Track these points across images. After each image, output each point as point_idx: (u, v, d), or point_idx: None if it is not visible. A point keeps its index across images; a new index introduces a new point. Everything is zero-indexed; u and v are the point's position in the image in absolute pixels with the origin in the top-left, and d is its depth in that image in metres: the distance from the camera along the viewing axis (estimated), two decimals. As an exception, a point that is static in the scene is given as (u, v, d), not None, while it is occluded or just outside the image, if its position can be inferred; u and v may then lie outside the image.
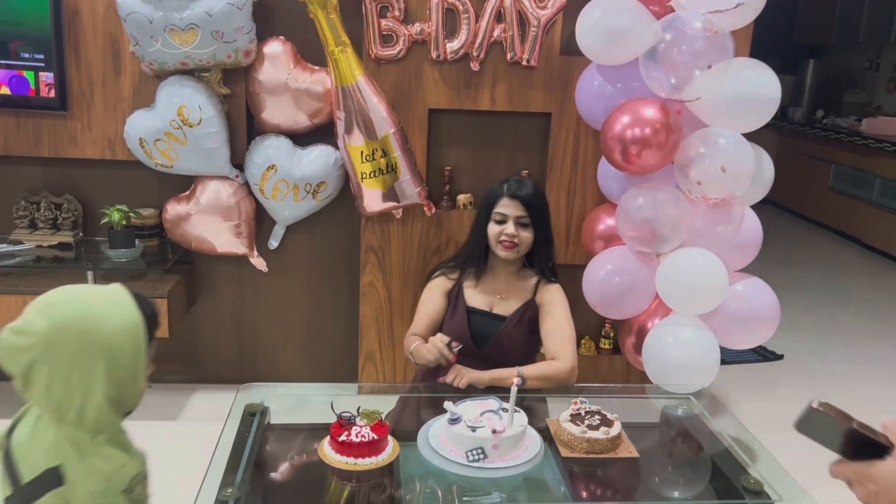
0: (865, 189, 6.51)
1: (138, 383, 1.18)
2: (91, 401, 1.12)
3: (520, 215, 2.17)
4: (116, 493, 1.13)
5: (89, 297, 1.15)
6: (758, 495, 1.68)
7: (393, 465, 1.72)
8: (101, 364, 1.12)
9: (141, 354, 1.16)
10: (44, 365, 1.10)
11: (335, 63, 2.85)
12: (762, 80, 2.63)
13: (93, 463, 1.13)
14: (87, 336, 1.10)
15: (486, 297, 2.27)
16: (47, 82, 2.94)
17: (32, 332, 1.10)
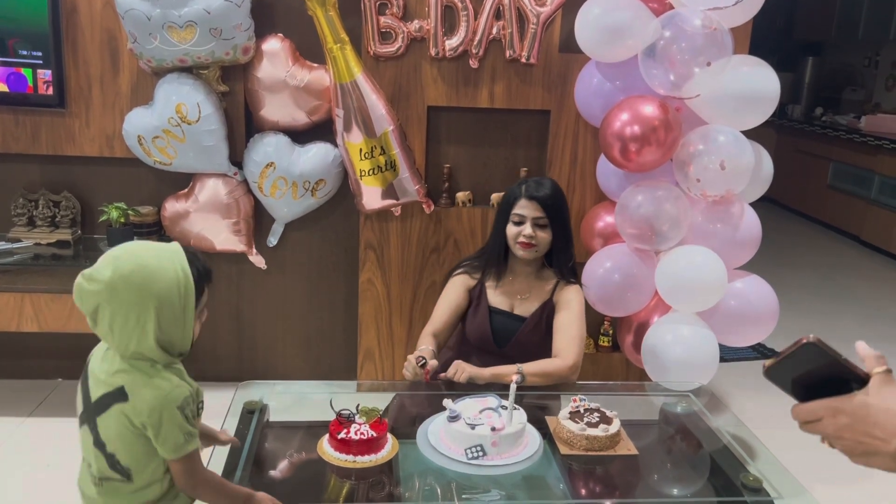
0: (864, 186, 6.51)
1: (186, 330, 1.37)
2: (144, 341, 1.32)
3: (537, 216, 2.18)
4: (172, 406, 1.32)
5: (148, 253, 1.34)
6: (757, 492, 1.68)
7: (392, 463, 1.72)
8: (152, 312, 1.31)
9: (188, 306, 1.34)
10: (107, 308, 1.30)
11: (334, 60, 2.85)
12: (761, 77, 2.63)
13: (152, 383, 1.33)
14: (142, 287, 1.29)
15: (507, 298, 2.29)
16: (45, 79, 2.94)
17: (99, 279, 1.30)
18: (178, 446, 1.35)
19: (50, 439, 2.90)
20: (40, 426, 2.99)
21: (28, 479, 2.64)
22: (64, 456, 2.80)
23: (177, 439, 1.34)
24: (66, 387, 3.32)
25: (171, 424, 1.33)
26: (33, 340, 3.31)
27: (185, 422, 1.34)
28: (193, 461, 1.38)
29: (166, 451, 1.35)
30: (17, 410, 3.08)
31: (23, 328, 2.89)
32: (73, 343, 3.32)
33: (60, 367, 3.38)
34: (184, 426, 1.34)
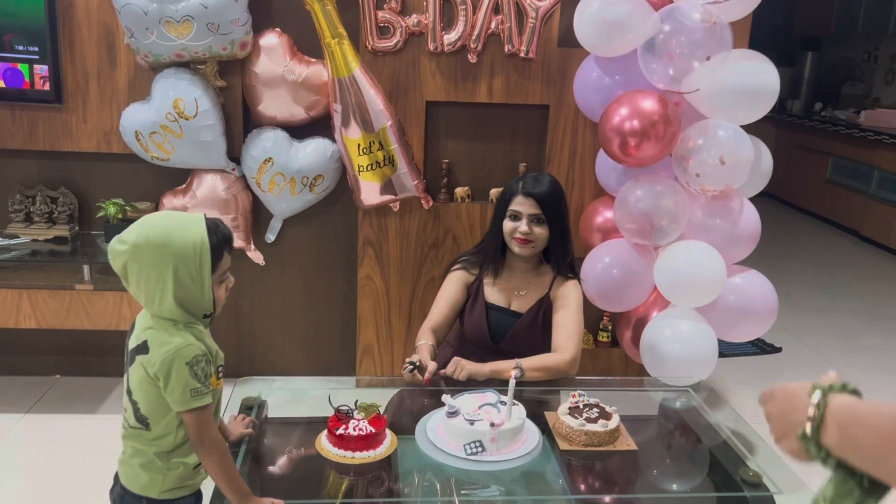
0: (863, 181, 6.51)
1: (205, 291, 1.48)
2: (165, 298, 1.45)
3: (534, 213, 2.16)
4: (182, 362, 1.43)
5: (172, 219, 1.48)
6: (757, 487, 1.68)
7: (391, 459, 1.71)
8: (170, 271, 1.43)
9: (204, 267, 1.46)
10: (133, 266, 1.44)
11: (331, 55, 2.83)
12: (761, 71, 2.62)
13: (168, 338, 1.45)
14: (161, 248, 1.42)
15: (505, 294, 2.28)
16: (42, 75, 2.93)
17: (126, 241, 1.44)
18: (183, 400, 1.44)
19: (48, 435, 2.90)
20: (38, 422, 2.99)
21: (26, 475, 2.64)
22: (62, 452, 2.80)
23: (182, 393, 1.44)
24: (65, 383, 3.32)
25: (178, 378, 1.43)
26: (31, 337, 3.30)
27: (191, 378, 1.44)
28: (201, 418, 1.47)
29: (173, 403, 1.46)
30: (15, 407, 3.08)
31: (21, 325, 2.88)
32: (71, 339, 3.32)
33: (58, 364, 3.37)
34: (190, 382, 1.44)
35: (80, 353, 3.36)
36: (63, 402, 3.15)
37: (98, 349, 3.36)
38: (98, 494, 2.51)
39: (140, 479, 1.54)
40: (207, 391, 1.47)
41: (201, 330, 1.52)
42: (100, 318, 2.89)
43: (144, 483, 1.54)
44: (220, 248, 1.51)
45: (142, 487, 1.55)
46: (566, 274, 2.27)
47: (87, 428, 2.96)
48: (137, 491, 1.55)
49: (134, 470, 1.55)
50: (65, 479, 2.63)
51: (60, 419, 3.02)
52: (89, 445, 2.82)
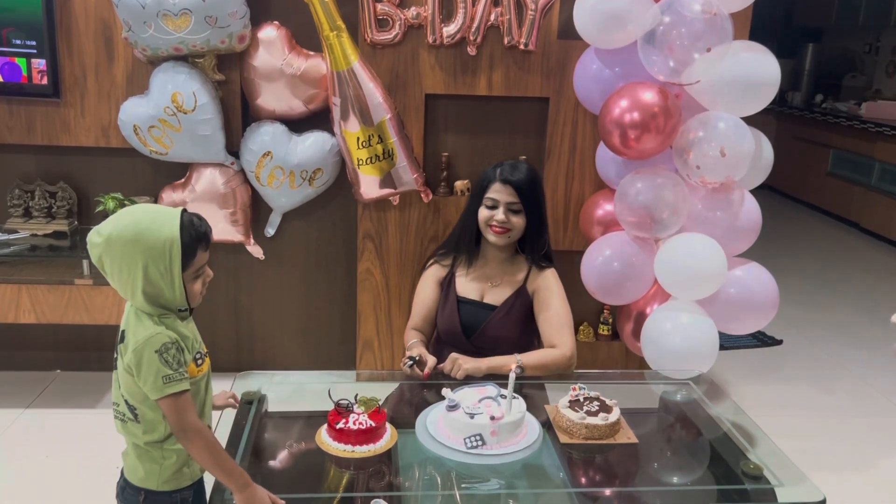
0: (864, 173, 6.49)
1: (175, 287, 1.48)
2: (136, 292, 1.47)
3: (511, 201, 2.13)
4: (151, 350, 1.45)
5: (146, 214, 1.48)
6: (757, 480, 1.68)
7: (391, 453, 1.71)
8: (139, 266, 1.45)
9: (174, 265, 1.46)
10: (106, 258, 1.47)
11: (330, 48, 2.82)
12: (762, 62, 2.61)
13: (138, 328, 1.48)
14: (132, 243, 1.44)
15: (478, 285, 2.24)
16: (39, 69, 2.91)
17: (101, 233, 1.46)
18: (157, 387, 1.45)
19: (48, 430, 2.90)
20: (39, 417, 2.99)
21: (26, 469, 2.64)
22: (62, 446, 2.80)
23: (155, 381, 1.45)
24: (65, 378, 3.32)
25: (148, 366, 1.45)
26: (31, 332, 3.30)
27: (162, 365, 1.45)
28: (177, 404, 1.47)
29: (148, 391, 1.47)
30: (15, 402, 3.08)
31: (20, 319, 2.88)
32: (70, 334, 3.32)
33: (58, 359, 3.37)
34: (161, 369, 1.45)
35: (79, 348, 3.36)
36: (63, 397, 3.15)
37: (98, 344, 3.36)
38: (98, 489, 2.52)
39: (138, 471, 1.56)
40: (181, 378, 1.47)
41: (174, 321, 1.52)
42: (99, 313, 2.88)
43: (142, 475, 1.56)
44: (193, 245, 1.49)
45: (140, 479, 1.56)
46: (540, 264, 2.23)
47: (87, 422, 2.96)
48: (137, 483, 1.57)
49: (132, 462, 1.57)
50: (65, 473, 2.63)
51: (60, 414, 3.02)
52: (89, 440, 2.82)
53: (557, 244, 3.18)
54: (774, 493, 1.65)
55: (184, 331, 1.53)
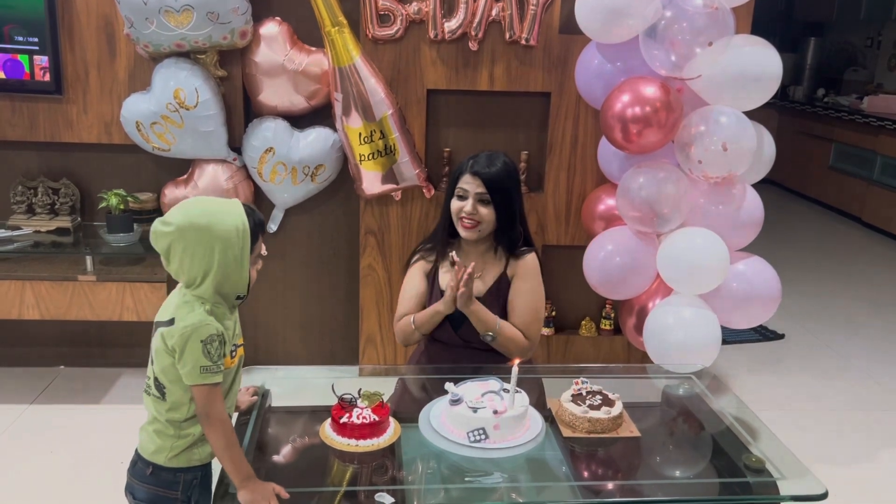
0: (866, 167, 6.49)
1: (244, 271, 1.57)
2: (207, 278, 1.53)
3: (480, 192, 2.10)
4: (197, 338, 1.50)
5: (213, 203, 1.57)
6: (759, 473, 1.68)
7: (394, 447, 1.72)
8: (217, 251, 1.52)
9: (245, 248, 1.55)
10: (178, 246, 1.52)
11: (332, 43, 2.82)
12: (763, 56, 2.60)
13: (190, 315, 1.53)
14: (208, 229, 1.51)
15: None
16: (42, 66, 2.92)
17: (171, 222, 1.52)
18: (193, 374, 1.51)
19: (53, 426, 2.91)
20: (43, 413, 3.00)
21: (31, 465, 2.65)
22: (66, 442, 2.81)
23: (193, 368, 1.51)
24: (69, 374, 3.33)
25: (190, 353, 1.50)
26: (35, 328, 3.31)
27: (202, 355, 1.50)
28: (209, 394, 1.53)
29: (184, 376, 1.52)
30: (20, 398, 3.09)
31: (24, 316, 2.89)
32: (74, 330, 3.33)
33: (62, 355, 3.38)
34: (201, 359, 1.50)
35: (83, 344, 3.37)
36: (67, 393, 3.16)
37: (101, 340, 3.37)
38: (103, 484, 2.53)
39: (151, 444, 1.62)
40: (218, 370, 1.53)
41: (224, 311, 1.58)
42: (102, 309, 2.89)
43: (154, 449, 1.61)
44: (256, 231, 1.59)
45: (151, 453, 1.61)
46: (518, 251, 2.20)
47: (92, 418, 2.97)
48: (147, 457, 1.62)
49: (149, 435, 1.63)
50: (69, 468, 2.64)
51: (65, 410, 3.03)
52: (93, 436, 2.83)
53: (559, 239, 3.19)
54: (777, 486, 1.66)
55: (228, 322, 1.59)
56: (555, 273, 3.11)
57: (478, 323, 2.09)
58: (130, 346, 3.36)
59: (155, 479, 1.61)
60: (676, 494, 1.72)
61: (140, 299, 2.89)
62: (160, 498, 1.62)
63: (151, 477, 1.61)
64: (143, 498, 1.63)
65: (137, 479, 1.63)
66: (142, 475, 1.62)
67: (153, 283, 2.89)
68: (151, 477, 1.61)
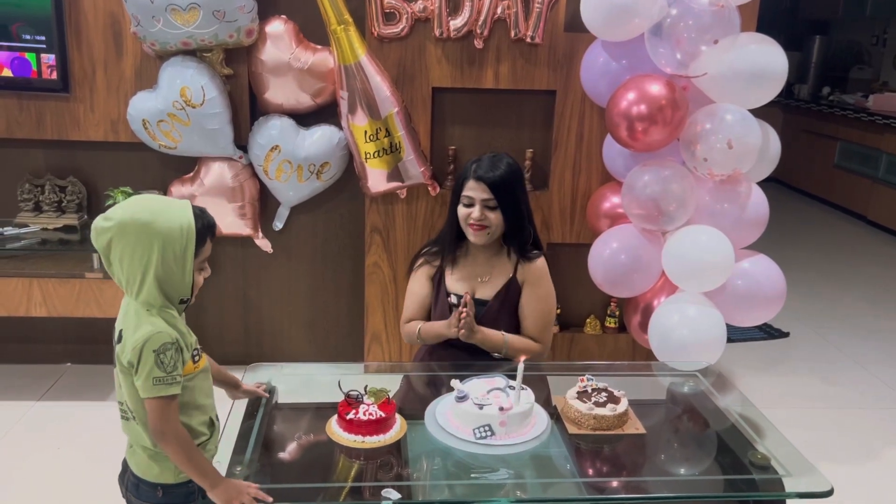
0: (871, 166, 6.47)
1: (186, 274, 1.50)
2: (146, 279, 1.46)
3: (486, 198, 2.08)
4: (150, 349, 1.45)
5: (158, 201, 1.51)
6: (765, 470, 1.69)
7: (400, 443, 1.73)
8: (156, 248, 1.45)
9: (189, 249, 1.48)
10: (117, 244, 1.45)
11: (337, 42, 2.83)
12: (769, 54, 2.60)
13: (139, 325, 1.47)
14: (148, 225, 1.44)
15: (468, 282, 2.20)
16: (49, 64, 2.93)
17: (112, 218, 1.45)
18: (146, 387, 1.45)
19: (60, 422, 2.92)
20: (50, 410, 3.01)
21: (39, 461, 2.66)
22: (74, 439, 2.83)
23: (146, 379, 1.45)
24: (76, 371, 3.34)
25: (145, 364, 1.45)
26: (42, 325, 3.33)
27: (155, 366, 1.45)
28: (162, 407, 1.47)
29: (139, 388, 1.47)
30: (27, 394, 3.10)
31: (31, 313, 2.90)
32: (81, 327, 3.35)
33: (69, 351, 3.40)
34: (154, 370, 1.45)
35: (90, 342, 3.38)
36: (74, 390, 3.18)
37: (108, 337, 3.33)
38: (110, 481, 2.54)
39: (152, 469, 1.57)
40: (174, 382, 1.47)
41: (174, 315, 1.53)
42: (109, 307, 2.91)
43: (157, 472, 1.57)
44: (203, 233, 1.52)
45: (156, 476, 1.58)
46: (528, 255, 2.20)
47: (99, 415, 2.98)
48: (151, 479, 1.58)
49: (143, 461, 1.58)
50: (77, 465, 2.66)
51: (72, 407, 3.05)
52: (101, 432, 2.85)
53: (564, 237, 3.19)
54: (782, 483, 1.66)
55: (182, 327, 1.54)
56: (560, 271, 3.11)
57: (488, 347, 2.10)
58: (137, 344, 3.37)
59: (170, 498, 1.57)
60: (682, 491, 1.72)
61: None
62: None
63: (165, 497, 1.57)
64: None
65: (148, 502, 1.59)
66: (152, 497, 1.58)
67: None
68: (165, 497, 1.57)
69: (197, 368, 1.58)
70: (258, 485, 1.53)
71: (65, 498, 2.47)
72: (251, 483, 1.53)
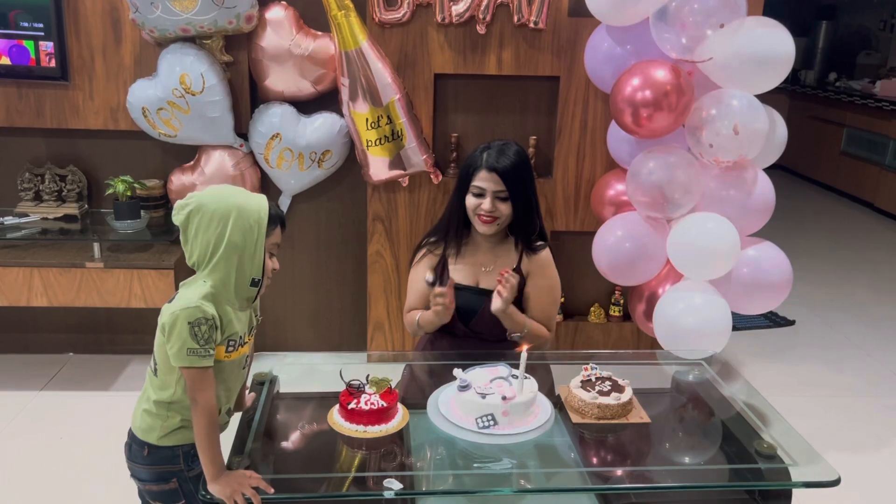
0: (878, 152, 6.42)
1: (258, 250, 1.57)
2: (218, 251, 1.54)
3: (498, 190, 2.04)
4: (184, 320, 1.50)
5: (238, 188, 1.62)
6: (771, 459, 1.67)
7: (403, 433, 1.71)
8: (232, 217, 1.53)
9: (261, 224, 1.57)
10: (195, 216, 1.54)
11: (338, 28, 2.80)
12: (775, 38, 2.57)
13: (187, 293, 1.55)
14: (226, 198, 1.56)
15: (471, 271, 2.17)
16: (47, 52, 2.91)
17: (193, 195, 1.56)
18: (180, 356, 1.51)
19: (62, 412, 2.92)
20: (53, 400, 3.01)
21: (41, 451, 2.66)
22: (76, 428, 2.82)
23: (180, 350, 1.50)
24: (78, 360, 3.34)
25: (178, 335, 1.50)
26: (44, 315, 3.32)
27: (189, 338, 1.50)
28: (197, 377, 1.52)
29: (171, 357, 1.52)
30: (29, 384, 3.10)
31: (32, 303, 2.90)
32: (83, 317, 3.34)
33: (71, 341, 3.39)
34: (188, 341, 1.50)
35: (92, 331, 3.38)
36: (76, 380, 3.17)
37: (110, 327, 3.37)
38: (112, 470, 2.53)
39: (143, 423, 1.64)
40: (206, 354, 1.52)
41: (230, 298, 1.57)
42: (110, 296, 2.90)
43: (145, 427, 1.63)
44: (275, 220, 1.62)
45: (142, 432, 1.64)
46: (533, 246, 2.17)
47: (101, 405, 2.98)
48: (140, 436, 1.64)
49: (140, 413, 1.65)
50: (79, 455, 2.65)
51: (74, 396, 3.04)
52: (103, 422, 2.84)
53: (568, 225, 3.16)
54: (788, 472, 1.64)
55: (233, 313, 1.58)
56: (564, 259, 3.09)
57: (511, 324, 2.07)
58: (139, 333, 3.37)
59: (153, 459, 1.63)
60: (687, 481, 1.71)
61: (148, 286, 2.89)
62: (165, 473, 1.63)
63: (149, 457, 1.63)
64: (148, 478, 1.64)
65: (137, 462, 1.64)
66: (140, 457, 1.64)
67: (161, 270, 2.89)
68: (149, 457, 1.63)
69: (229, 358, 1.60)
70: (259, 475, 1.51)
71: (67, 487, 2.47)
72: (252, 473, 1.52)
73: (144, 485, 1.66)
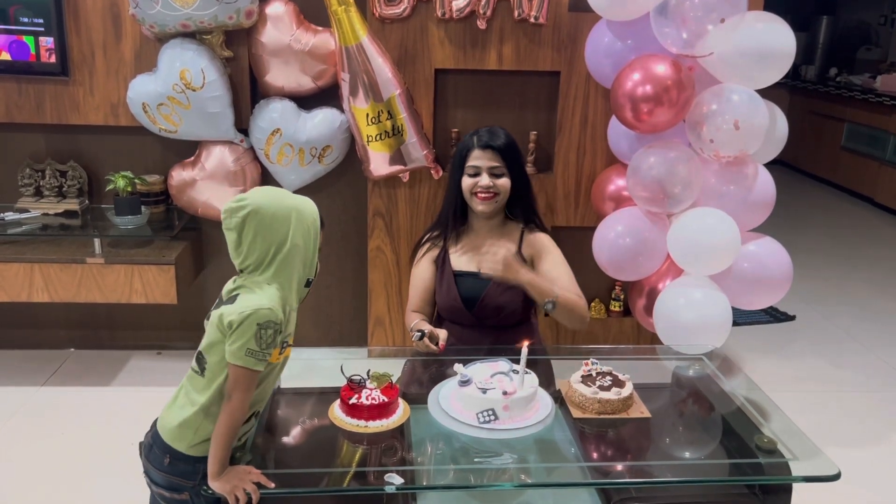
0: (879, 147, 6.42)
1: (315, 252, 1.61)
2: (279, 254, 1.54)
3: (494, 165, 2.08)
4: (252, 322, 1.48)
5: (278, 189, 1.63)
6: (771, 454, 1.67)
7: (404, 428, 1.72)
8: (293, 219, 1.55)
9: (317, 225, 1.60)
10: (252, 220, 1.53)
11: (338, 23, 2.80)
12: (776, 33, 2.56)
13: (254, 296, 1.53)
14: (284, 200, 1.57)
15: (473, 257, 2.17)
16: (48, 47, 2.90)
17: (246, 198, 1.55)
18: (237, 354, 1.49)
19: (63, 408, 2.92)
20: (54, 395, 3.02)
21: (42, 447, 2.67)
22: (77, 424, 2.83)
23: (240, 348, 1.49)
24: (79, 356, 3.34)
25: (241, 331, 1.49)
26: (45, 310, 3.33)
27: (253, 338, 1.49)
28: (243, 376, 1.51)
29: (228, 352, 1.50)
30: (31, 379, 3.11)
31: (33, 298, 2.90)
32: (84, 312, 3.34)
33: (73, 337, 3.40)
34: (250, 341, 1.49)
35: (93, 327, 3.38)
36: (77, 375, 3.18)
37: (111, 322, 3.38)
38: (113, 465, 2.54)
39: (172, 425, 1.60)
40: (262, 359, 1.51)
41: (290, 299, 1.58)
42: (111, 292, 2.90)
43: (176, 435, 1.59)
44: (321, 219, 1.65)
45: (173, 439, 1.60)
46: (534, 223, 2.18)
47: (102, 400, 2.98)
48: (168, 440, 1.60)
49: (172, 417, 1.61)
50: (80, 450, 2.66)
51: (76, 392, 3.05)
52: (104, 417, 2.85)
53: (569, 220, 3.16)
54: (789, 466, 1.64)
55: (289, 318, 1.58)
56: (564, 254, 3.08)
57: (539, 293, 2.02)
58: (140, 329, 3.37)
59: (172, 469, 1.60)
60: (687, 475, 1.71)
61: (148, 281, 2.89)
62: (179, 485, 1.61)
63: (169, 467, 1.60)
64: (161, 484, 1.62)
65: (155, 465, 1.62)
66: (159, 463, 1.61)
67: (161, 266, 2.89)
68: (169, 467, 1.60)
69: (278, 359, 1.61)
70: (260, 470, 1.52)
71: (68, 482, 2.48)
72: (253, 468, 1.52)
73: (156, 487, 1.65)
